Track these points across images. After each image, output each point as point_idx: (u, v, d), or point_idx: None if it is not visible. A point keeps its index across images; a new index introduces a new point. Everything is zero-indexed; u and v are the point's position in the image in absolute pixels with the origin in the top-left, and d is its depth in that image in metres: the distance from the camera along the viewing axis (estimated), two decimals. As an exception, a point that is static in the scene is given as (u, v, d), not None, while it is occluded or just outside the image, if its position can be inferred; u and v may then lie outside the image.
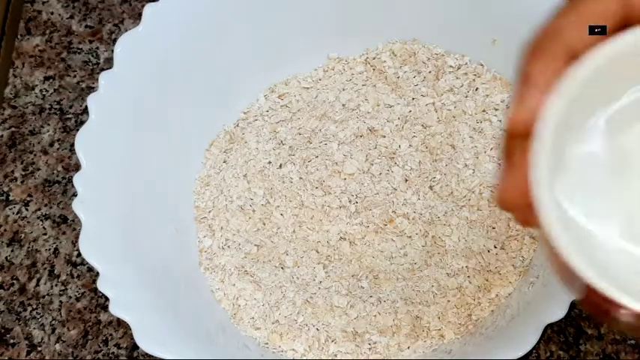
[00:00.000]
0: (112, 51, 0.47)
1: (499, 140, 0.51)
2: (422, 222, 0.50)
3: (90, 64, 0.59)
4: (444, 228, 0.49)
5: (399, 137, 0.52)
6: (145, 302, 0.43)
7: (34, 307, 0.51)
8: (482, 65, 0.53)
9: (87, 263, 0.51)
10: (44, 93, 0.58)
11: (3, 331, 0.51)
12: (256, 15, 0.52)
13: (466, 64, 0.53)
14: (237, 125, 0.54)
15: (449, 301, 0.47)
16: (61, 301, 0.51)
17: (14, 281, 0.52)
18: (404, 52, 0.54)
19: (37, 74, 0.59)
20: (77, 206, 0.44)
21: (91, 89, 0.57)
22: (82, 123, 0.49)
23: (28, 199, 0.55)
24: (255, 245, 0.50)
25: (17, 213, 0.54)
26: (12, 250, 0.53)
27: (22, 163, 0.56)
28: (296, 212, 0.51)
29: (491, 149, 0.51)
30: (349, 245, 0.50)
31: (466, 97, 0.53)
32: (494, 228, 0.49)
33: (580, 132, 0.27)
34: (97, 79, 0.47)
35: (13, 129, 0.57)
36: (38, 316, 0.51)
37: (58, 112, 0.57)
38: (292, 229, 0.51)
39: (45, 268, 0.52)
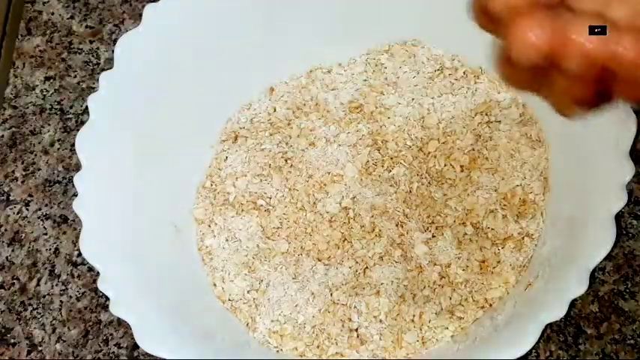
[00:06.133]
0: (113, 51, 0.47)
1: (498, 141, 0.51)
2: (421, 222, 0.50)
3: (90, 64, 0.59)
4: (443, 228, 0.49)
5: (399, 137, 0.52)
6: (145, 302, 0.43)
7: (35, 306, 0.51)
8: (482, 66, 0.53)
9: (87, 263, 0.51)
10: (45, 93, 0.58)
11: (3, 330, 0.51)
12: (256, 15, 0.52)
13: (465, 64, 0.53)
14: (238, 125, 0.54)
15: (448, 300, 0.47)
16: (61, 301, 0.51)
17: (15, 281, 0.52)
18: (403, 52, 0.54)
19: (37, 74, 0.59)
20: (77, 206, 0.44)
21: (92, 89, 0.57)
22: (83, 123, 0.49)
23: (29, 199, 0.55)
24: (256, 245, 0.50)
25: (18, 213, 0.54)
26: (12, 250, 0.53)
27: (22, 163, 0.56)
28: (296, 212, 0.51)
29: (490, 150, 0.51)
30: (349, 245, 0.50)
31: (466, 97, 0.53)
32: (493, 228, 0.49)
33: None
34: (98, 80, 0.47)
35: (13, 129, 0.57)
36: (39, 316, 0.51)
37: (58, 112, 0.57)
38: (292, 228, 0.51)
39: (45, 268, 0.52)
